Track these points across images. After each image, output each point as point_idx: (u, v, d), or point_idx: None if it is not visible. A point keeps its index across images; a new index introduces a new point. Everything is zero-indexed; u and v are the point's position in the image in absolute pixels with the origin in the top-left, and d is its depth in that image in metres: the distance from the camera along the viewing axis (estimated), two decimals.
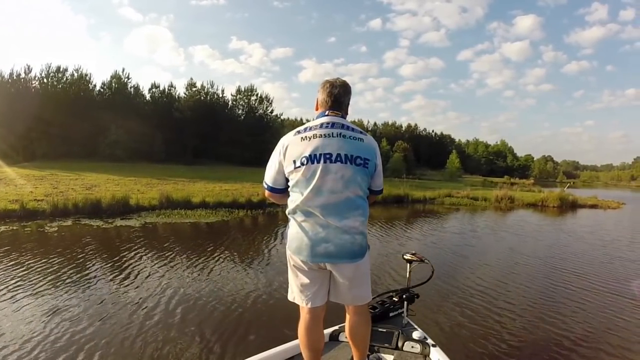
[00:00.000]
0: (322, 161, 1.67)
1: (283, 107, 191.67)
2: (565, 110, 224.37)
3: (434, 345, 2.29)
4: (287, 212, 1.79)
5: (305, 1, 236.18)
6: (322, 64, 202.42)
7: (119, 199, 9.79)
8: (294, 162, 1.71)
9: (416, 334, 2.40)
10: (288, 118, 53.12)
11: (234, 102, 41.20)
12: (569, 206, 18.35)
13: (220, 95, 40.20)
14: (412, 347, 2.29)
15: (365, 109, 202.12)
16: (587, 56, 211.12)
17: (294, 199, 1.73)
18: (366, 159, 1.73)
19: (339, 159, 1.68)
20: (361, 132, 1.79)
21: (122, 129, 29.89)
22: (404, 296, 2.67)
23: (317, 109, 1.88)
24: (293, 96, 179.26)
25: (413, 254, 2.68)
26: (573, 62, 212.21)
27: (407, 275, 2.73)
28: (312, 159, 1.68)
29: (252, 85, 42.21)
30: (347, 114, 1.88)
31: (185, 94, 38.59)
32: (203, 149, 34.66)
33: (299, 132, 1.77)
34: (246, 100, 41.14)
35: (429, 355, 2.24)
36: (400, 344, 2.32)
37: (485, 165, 72.46)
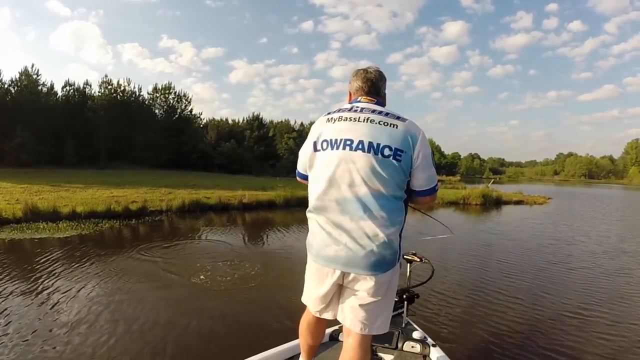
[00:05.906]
0: (341, 147, 1.47)
1: (214, 108, 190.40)
2: (491, 111, 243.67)
3: (434, 345, 2.30)
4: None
5: (238, 1, 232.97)
6: (254, 64, 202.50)
7: None
8: (314, 143, 1.55)
9: (416, 334, 2.41)
10: (214, 119, 51.67)
11: (151, 101, 39.57)
12: (493, 203, 18.00)
13: (138, 94, 38.39)
14: (412, 347, 2.29)
15: (295, 109, 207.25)
16: (511, 61, 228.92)
17: (311, 191, 1.56)
18: (398, 150, 1.45)
19: (360, 146, 1.44)
20: (398, 118, 1.51)
21: (29, 130, 28.41)
22: (404, 296, 2.64)
23: (350, 101, 1.68)
24: (224, 97, 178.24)
25: (413, 254, 2.65)
26: (498, 66, 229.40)
27: (407, 275, 2.70)
28: (331, 143, 1.50)
29: (169, 83, 40.64)
30: (384, 103, 1.68)
31: (99, 92, 36.46)
32: (118, 152, 33.48)
33: (329, 113, 1.59)
34: (164, 99, 39.63)
35: (429, 355, 2.24)
36: (400, 344, 2.32)
37: None
